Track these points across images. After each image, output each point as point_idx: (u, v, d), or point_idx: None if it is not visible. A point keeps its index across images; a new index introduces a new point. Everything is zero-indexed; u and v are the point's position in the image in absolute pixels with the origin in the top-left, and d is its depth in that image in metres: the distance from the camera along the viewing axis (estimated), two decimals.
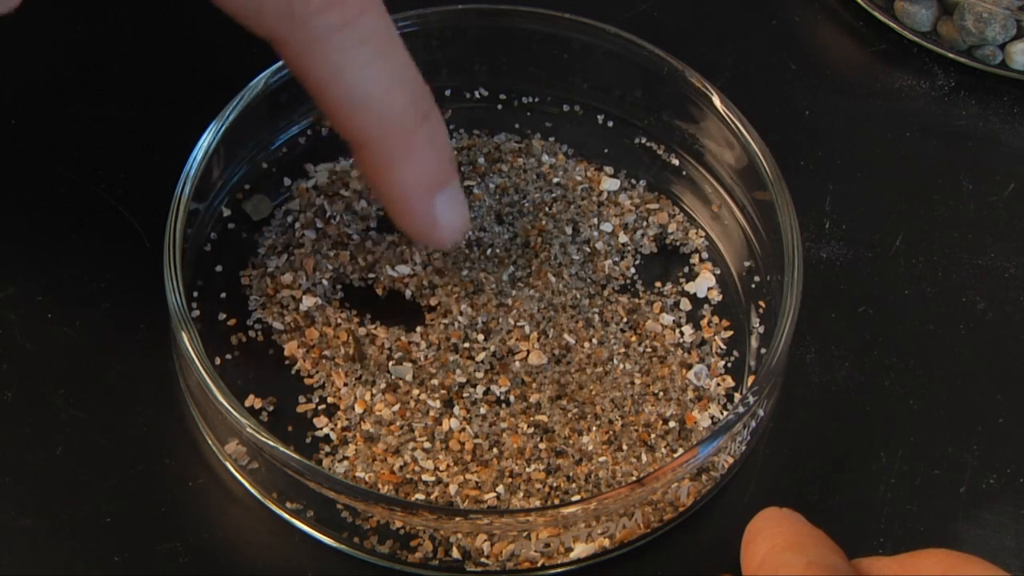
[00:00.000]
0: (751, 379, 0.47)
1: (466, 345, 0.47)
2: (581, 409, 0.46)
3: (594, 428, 0.46)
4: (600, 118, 0.53)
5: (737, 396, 0.47)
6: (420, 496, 0.44)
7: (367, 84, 0.42)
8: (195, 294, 0.48)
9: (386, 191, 0.45)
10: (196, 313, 0.47)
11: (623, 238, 0.50)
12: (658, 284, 0.49)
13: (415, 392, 0.46)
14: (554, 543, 0.43)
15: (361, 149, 0.44)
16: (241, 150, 0.50)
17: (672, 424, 0.46)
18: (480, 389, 0.46)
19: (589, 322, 0.48)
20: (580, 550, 0.43)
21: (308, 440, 0.45)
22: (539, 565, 0.43)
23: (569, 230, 0.50)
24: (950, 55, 0.56)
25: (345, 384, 0.46)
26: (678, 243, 0.50)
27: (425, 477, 0.44)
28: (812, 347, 0.48)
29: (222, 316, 0.48)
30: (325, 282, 0.48)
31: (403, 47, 0.43)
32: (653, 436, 0.46)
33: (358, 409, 0.46)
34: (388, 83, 0.43)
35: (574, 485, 0.45)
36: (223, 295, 0.48)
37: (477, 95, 0.53)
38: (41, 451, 0.45)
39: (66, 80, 0.53)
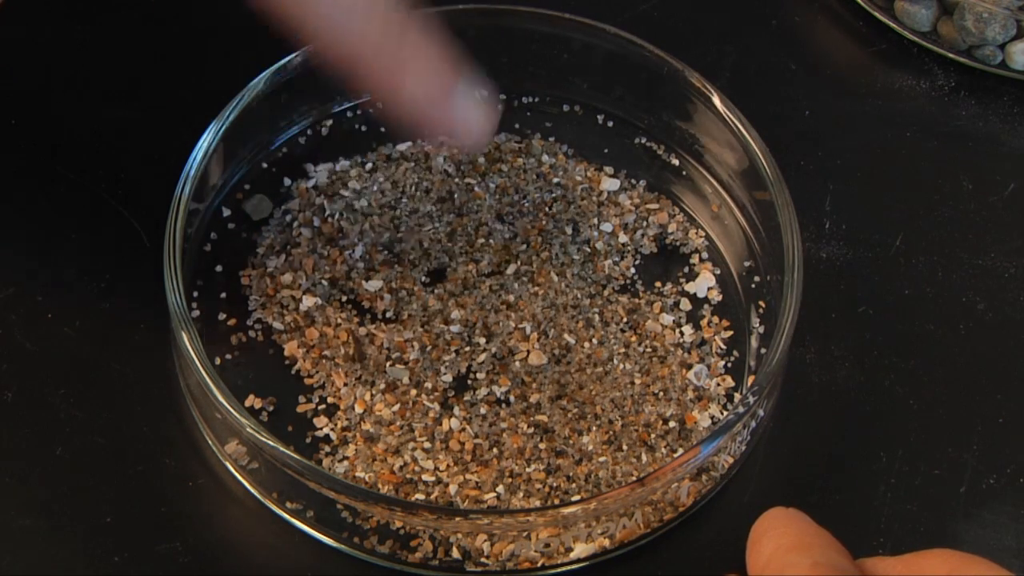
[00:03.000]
0: (751, 379, 0.47)
1: (467, 349, 0.47)
2: (581, 409, 0.46)
3: (594, 428, 0.46)
4: (600, 118, 0.53)
5: (737, 396, 0.47)
6: (420, 496, 0.44)
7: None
8: (195, 294, 0.48)
9: (405, 85, 0.44)
10: (196, 313, 0.47)
11: (623, 238, 0.50)
12: (658, 284, 0.49)
13: (414, 392, 0.46)
14: (554, 543, 0.43)
15: (360, 68, 0.43)
16: (241, 150, 0.50)
17: (672, 424, 0.46)
18: (481, 390, 0.46)
19: (589, 322, 0.48)
20: (580, 550, 0.43)
21: (308, 440, 0.45)
22: (539, 565, 0.43)
23: (569, 230, 0.50)
24: (950, 55, 0.56)
25: (345, 384, 0.46)
26: (678, 243, 0.50)
27: (425, 477, 0.44)
28: (812, 347, 0.48)
29: (222, 316, 0.48)
30: (325, 282, 0.48)
31: None
32: (653, 436, 0.46)
33: (358, 409, 0.46)
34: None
35: (574, 485, 0.45)
36: (223, 295, 0.48)
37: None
38: (41, 451, 0.45)
39: (66, 80, 0.53)
